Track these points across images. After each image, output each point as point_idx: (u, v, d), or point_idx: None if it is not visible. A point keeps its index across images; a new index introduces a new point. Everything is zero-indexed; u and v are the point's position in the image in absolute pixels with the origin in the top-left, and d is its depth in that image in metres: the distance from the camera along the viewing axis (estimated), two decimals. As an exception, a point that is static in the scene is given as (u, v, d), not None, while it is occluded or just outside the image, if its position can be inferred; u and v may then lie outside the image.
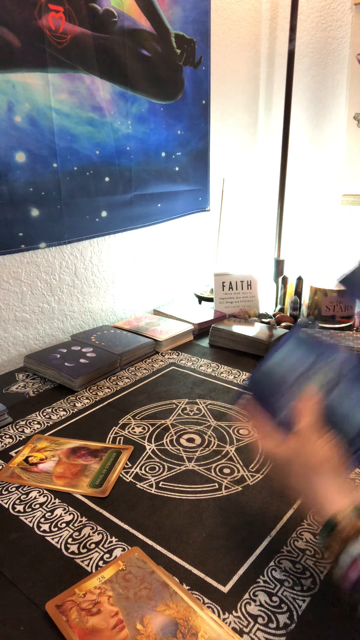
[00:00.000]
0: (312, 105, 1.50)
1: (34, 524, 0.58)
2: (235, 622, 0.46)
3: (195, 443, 0.75)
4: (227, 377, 0.97)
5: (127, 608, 0.46)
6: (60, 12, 0.96)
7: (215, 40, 1.36)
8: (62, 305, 1.15)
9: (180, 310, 1.30)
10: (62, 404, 0.87)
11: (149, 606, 0.46)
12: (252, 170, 1.64)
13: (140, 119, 1.18)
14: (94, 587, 0.48)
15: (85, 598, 0.47)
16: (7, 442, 0.75)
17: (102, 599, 0.47)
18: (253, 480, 0.66)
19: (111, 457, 0.71)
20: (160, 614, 0.45)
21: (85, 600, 0.47)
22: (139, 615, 0.45)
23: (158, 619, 0.45)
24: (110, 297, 1.27)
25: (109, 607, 0.46)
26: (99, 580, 0.49)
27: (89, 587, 0.48)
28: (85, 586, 0.49)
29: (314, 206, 1.57)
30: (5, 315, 1.04)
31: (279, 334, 1.11)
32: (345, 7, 1.37)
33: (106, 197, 1.15)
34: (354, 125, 1.42)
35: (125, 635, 0.43)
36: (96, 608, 0.46)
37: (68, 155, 1.04)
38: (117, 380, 0.96)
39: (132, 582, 0.49)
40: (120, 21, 1.07)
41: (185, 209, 1.40)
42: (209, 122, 1.39)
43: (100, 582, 0.49)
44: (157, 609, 0.46)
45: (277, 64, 1.53)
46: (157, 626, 0.44)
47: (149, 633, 0.44)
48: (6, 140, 0.93)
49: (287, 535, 0.56)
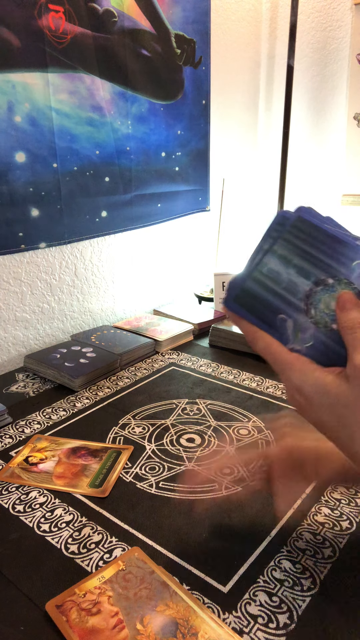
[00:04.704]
0: (312, 105, 1.50)
1: (34, 524, 0.58)
2: (235, 622, 0.46)
3: (195, 443, 0.75)
4: (227, 377, 0.97)
5: (127, 608, 0.46)
6: (60, 12, 0.96)
7: (215, 40, 1.36)
8: (62, 305, 1.15)
9: (180, 310, 1.29)
10: (62, 404, 0.87)
11: (149, 606, 0.46)
12: (252, 170, 1.64)
13: (141, 119, 1.18)
14: (94, 587, 0.48)
15: (85, 598, 0.47)
16: (7, 442, 0.75)
17: (102, 599, 0.47)
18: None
19: (111, 457, 0.71)
20: (160, 614, 0.45)
21: (85, 600, 0.47)
22: (139, 615, 0.45)
23: (158, 619, 0.45)
24: (110, 297, 1.27)
25: (109, 607, 0.46)
26: (99, 580, 0.49)
27: (89, 587, 0.48)
28: (85, 586, 0.49)
29: (314, 206, 1.57)
30: (5, 315, 1.04)
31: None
32: (345, 7, 1.37)
33: (106, 197, 1.15)
34: (354, 125, 1.42)
35: (125, 635, 0.43)
36: (96, 608, 0.46)
37: (68, 155, 1.04)
38: (117, 380, 0.96)
39: (132, 582, 0.49)
40: (120, 21, 1.07)
41: (185, 209, 1.40)
42: (209, 122, 1.39)
43: (100, 582, 0.49)
44: (157, 608, 0.46)
45: (277, 64, 1.53)
46: (157, 626, 0.44)
47: (149, 633, 0.43)
48: (6, 140, 0.93)
49: (287, 535, 0.56)
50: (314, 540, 0.55)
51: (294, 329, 0.41)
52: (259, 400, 0.88)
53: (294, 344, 0.40)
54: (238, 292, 0.42)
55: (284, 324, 0.41)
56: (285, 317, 0.41)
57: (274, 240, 0.42)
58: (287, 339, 0.41)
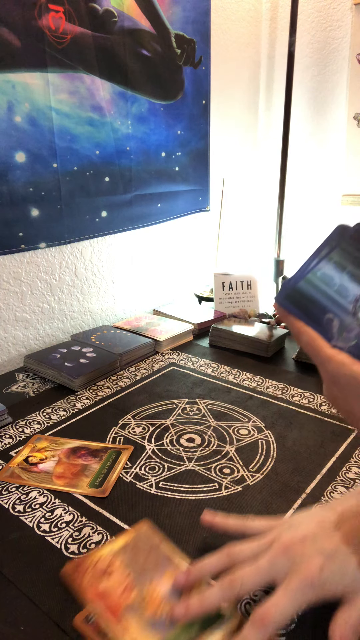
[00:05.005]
0: (312, 105, 1.50)
1: (34, 524, 0.58)
2: (235, 622, 0.46)
3: (195, 443, 0.75)
4: (227, 377, 0.97)
5: (136, 574, 0.50)
6: (60, 12, 0.96)
7: (215, 40, 1.36)
8: (62, 305, 1.15)
9: (180, 310, 1.30)
10: (62, 404, 0.87)
11: (157, 574, 0.50)
12: (252, 170, 1.65)
13: (140, 119, 1.18)
14: (105, 555, 0.52)
15: (98, 565, 0.51)
16: (7, 442, 0.75)
17: (113, 566, 0.51)
18: (253, 480, 0.66)
19: (111, 457, 0.71)
20: (167, 580, 0.49)
21: (98, 566, 0.51)
22: (147, 581, 0.49)
23: (164, 584, 0.49)
24: (110, 297, 1.27)
25: (119, 573, 0.50)
26: (109, 550, 0.53)
27: (101, 555, 0.52)
28: (98, 554, 0.52)
29: (314, 206, 1.57)
30: (5, 315, 1.04)
31: (279, 334, 1.11)
32: (345, 7, 1.37)
33: (106, 197, 1.15)
34: (354, 125, 1.42)
35: (134, 597, 0.47)
36: (107, 573, 0.50)
37: (68, 155, 1.04)
38: (117, 380, 0.96)
39: (141, 552, 0.53)
40: (120, 21, 1.07)
41: (185, 209, 1.40)
42: (209, 122, 1.39)
43: (111, 552, 0.53)
44: (164, 576, 0.50)
45: (277, 64, 1.53)
46: (164, 591, 0.48)
47: (156, 596, 0.47)
48: (6, 140, 0.93)
49: (287, 535, 0.56)
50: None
51: (339, 328, 0.44)
52: (259, 400, 0.88)
53: (337, 341, 0.44)
54: (290, 291, 0.46)
55: (330, 323, 0.44)
56: (333, 317, 0.44)
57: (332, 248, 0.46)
58: (332, 336, 0.44)
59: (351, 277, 0.45)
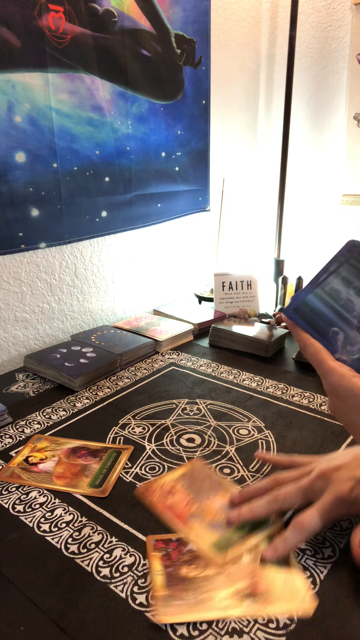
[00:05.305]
0: (312, 105, 1.50)
1: (34, 524, 0.58)
2: (236, 621, 0.46)
3: (195, 443, 0.75)
4: (227, 377, 0.97)
5: (195, 493, 0.61)
6: (60, 12, 0.96)
7: (215, 40, 1.36)
8: (62, 305, 1.15)
9: (180, 310, 1.30)
10: (62, 404, 0.87)
11: (211, 494, 0.61)
12: (252, 170, 1.65)
13: (140, 119, 1.18)
14: (168, 481, 0.64)
15: (164, 486, 0.63)
16: (7, 442, 0.75)
17: (176, 487, 0.63)
18: (253, 480, 0.66)
19: (111, 457, 0.71)
20: (220, 498, 0.60)
21: (164, 488, 0.63)
22: (204, 499, 0.60)
23: (218, 501, 0.60)
24: (110, 297, 1.27)
25: (181, 491, 0.62)
26: (171, 477, 0.65)
27: (164, 481, 0.64)
28: (162, 480, 0.64)
29: (314, 206, 1.57)
30: (5, 315, 1.04)
31: (279, 334, 1.11)
32: (345, 7, 1.37)
33: (106, 197, 1.15)
34: (354, 125, 1.42)
35: (195, 509, 0.58)
36: (172, 493, 0.62)
37: (68, 155, 1.04)
38: (117, 380, 0.96)
39: (197, 478, 0.65)
40: (120, 21, 1.07)
41: (185, 209, 1.40)
42: (209, 122, 1.39)
43: (172, 479, 0.64)
44: (217, 496, 0.61)
45: (277, 64, 1.53)
46: (218, 506, 0.59)
47: (212, 508, 0.58)
48: (6, 140, 0.93)
49: (287, 535, 0.56)
50: (314, 540, 0.55)
51: (344, 341, 0.47)
52: (259, 400, 0.88)
53: (341, 354, 0.47)
54: (298, 304, 0.49)
55: (335, 336, 0.47)
56: (338, 330, 0.47)
57: (340, 264, 0.48)
58: (336, 349, 0.47)
59: (357, 292, 0.47)
